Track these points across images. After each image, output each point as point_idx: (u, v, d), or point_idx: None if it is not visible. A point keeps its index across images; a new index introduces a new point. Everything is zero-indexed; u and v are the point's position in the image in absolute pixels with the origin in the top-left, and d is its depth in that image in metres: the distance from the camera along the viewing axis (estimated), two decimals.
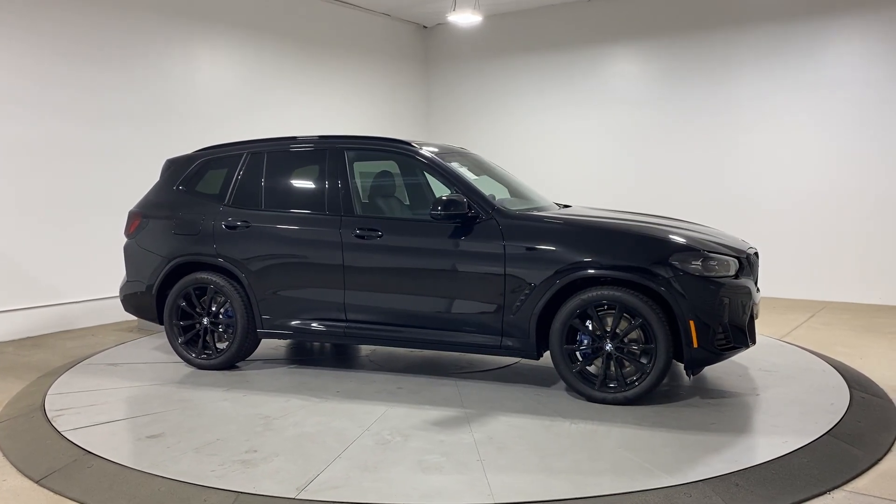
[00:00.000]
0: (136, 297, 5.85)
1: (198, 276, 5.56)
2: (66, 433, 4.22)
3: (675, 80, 9.80)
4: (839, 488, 3.50)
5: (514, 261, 4.74)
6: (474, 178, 5.39)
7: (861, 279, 8.61)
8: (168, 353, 5.86)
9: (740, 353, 5.05)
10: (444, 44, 11.81)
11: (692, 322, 4.41)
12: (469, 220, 4.88)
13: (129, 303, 5.96)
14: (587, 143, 10.53)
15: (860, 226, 8.61)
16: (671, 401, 4.69)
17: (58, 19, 7.25)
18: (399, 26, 11.42)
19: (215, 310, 5.56)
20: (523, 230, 4.81)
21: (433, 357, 5.89)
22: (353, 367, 5.72)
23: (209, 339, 5.59)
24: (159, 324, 5.79)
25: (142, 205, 5.95)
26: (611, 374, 4.62)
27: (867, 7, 8.49)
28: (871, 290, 8.56)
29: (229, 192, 5.61)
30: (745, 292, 4.63)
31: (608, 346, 4.59)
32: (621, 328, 4.57)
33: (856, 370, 5.57)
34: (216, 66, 8.83)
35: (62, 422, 4.42)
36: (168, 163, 6.01)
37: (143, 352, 6.26)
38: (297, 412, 4.56)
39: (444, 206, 4.81)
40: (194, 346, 5.62)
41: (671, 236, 4.67)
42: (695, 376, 5.18)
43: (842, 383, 5.08)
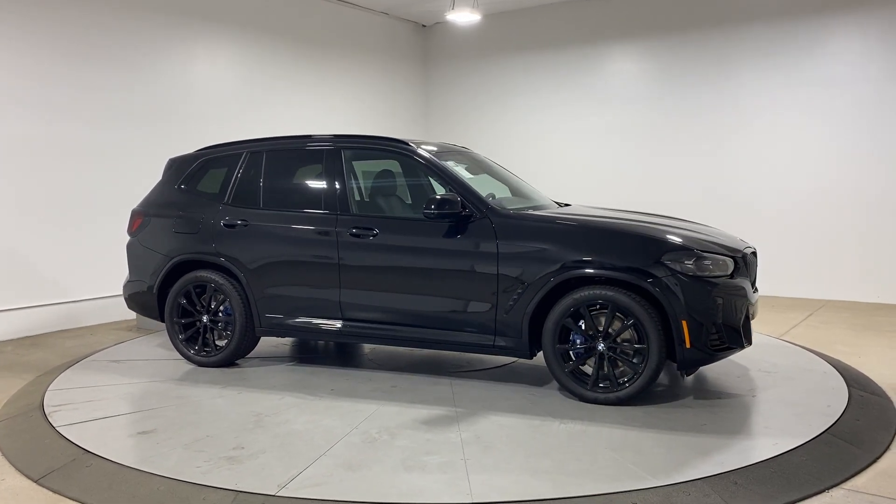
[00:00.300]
0: (139, 295, 5.93)
1: (198, 275, 5.62)
2: (61, 428, 4.28)
3: (674, 79, 9.80)
4: (838, 487, 3.48)
5: (506, 260, 4.74)
6: (470, 176, 5.39)
7: (860, 277, 8.61)
8: (170, 351, 5.92)
9: (739, 353, 5.02)
10: (442, 43, 11.82)
11: (685, 322, 4.37)
12: (463, 220, 4.88)
13: (132, 300, 6.04)
14: (586, 142, 10.53)
15: (859, 224, 8.60)
16: (664, 401, 4.65)
17: (58, 19, 7.27)
18: (398, 25, 11.44)
19: (215, 308, 5.61)
20: (516, 229, 4.80)
21: (432, 356, 5.90)
22: (351, 366, 5.74)
23: (209, 337, 5.65)
24: (161, 321, 5.87)
25: (144, 203, 6.03)
26: (603, 373, 4.59)
27: (866, 5, 8.45)
28: (870, 289, 8.54)
29: (229, 191, 5.67)
30: (740, 292, 4.58)
31: (600, 346, 4.56)
32: (614, 328, 4.55)
33: (855, 369, 5.54)
34: (215, 65, 8.86)
35: (58, 417, 4.49)
36: (170, 162, 6.08)
37: (146, 349, 6.34)
38: (289, 410, 4.59)
39: (437, 205, 4.81)
40: (194, 344, 5.68)
41: (664, 235, 4.62)
42: (689, 377, 5.14)
43: (840, 382, 5.05)
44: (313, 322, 5.35)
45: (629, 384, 4.51)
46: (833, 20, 8.65)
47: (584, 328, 4.60)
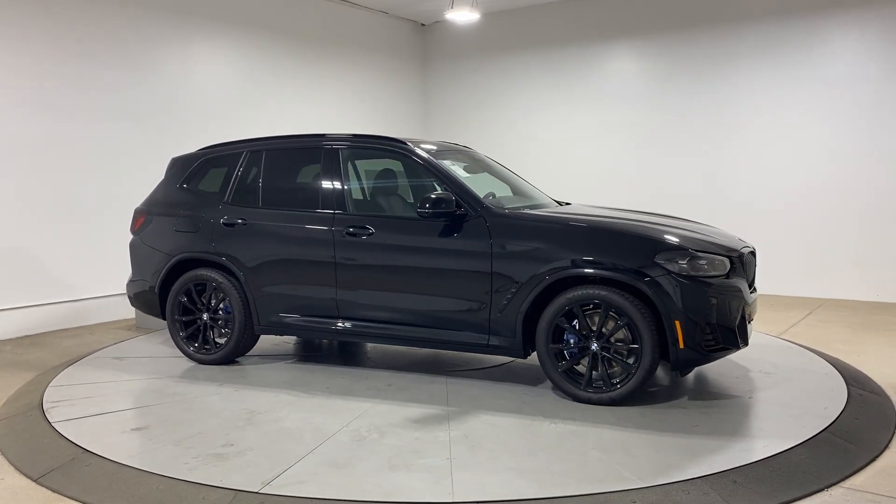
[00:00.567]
0: (141, 293, 5.99)
1: (198, 273, 5.66)
2: (57, 424, 4.33)
3: (673, 78, 9.78)
4: (837, 485, 3.47)
5: (500, 259, 4.72)
6: (466, 175, 5.38)
7: (859, 276, 8.60)
8: (173, 349, 5.97)
9: (738, 353, 4.98)
10: (441, 42, 11.82)
11: (678, 322, 4.33)
12: (458, 219, 4.87)
13: (136, 298, 6.10)
14: (585, 141, 10.52)
15: (858, 223, 8.59)
16: (658, 402, 4.62)
17: (57, 18, 7.27)
18: (397, 24, 11.44)
19: (215, 306, 5.66)
20: (510, 228, 4.78)
21: (432, 355, 5.89)
22: (350, 364, 5.75)
23: (209, 335, 5.69)
24: (163, 319, 5.92)
25: (147, 202, 6.09)
26: (597, 373, 4.57)
27: (865, 4, 8.42)
28: (868, 288, 8.54)
29: (229, 190, 5.71)
30: (736, 292, 4.52)
31: (594, 346, 4.53)
32: (608, 328, 4.52)
33: (854, 367, 5.51)
34: (215, 64, 8.86)
35: (55, 413, 4.55)
36: (173, 161, 6.13)
37: (149, 346, 6.40)
38: (282, 408, 4.62)
39: (431, 204, 4.81)
40: (195, 341, 5.73)
41: (659, 235, 4.58)
42: (684, 377, 5.09)
43: (840, 381, 5.02)
44: (311, 320, 5.37)
45: (623, 384, 4.48)
46: (832, 19, 8.64)
47: (577, 328, 4.58)
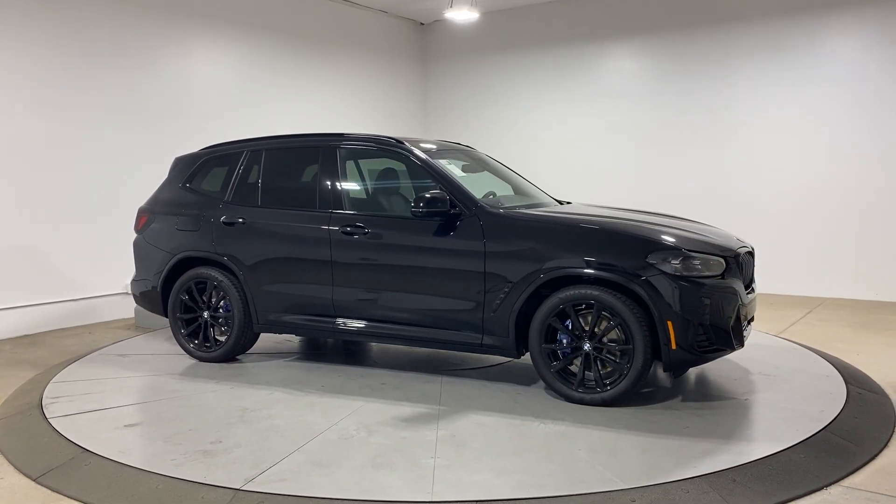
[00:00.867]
0: (147, 292, 6.06)
1: (199, 272, 5.72)
2: (53, 420, 4.40)
3: (672, 77, 9.75)
4: (836, 484, 3.47)
5: (493, 258, 4.71)
6: (462, 175, 5.37)
7: (858, 275, 8.57)
8: (176, 346, 6.02)
9: (738, 353, 4.93)
10: (441, 41, 11.81)
11: (670, 322, 4.29)
12: (452, 218, 4.87)
13: (139, 296, 6.18)
14: (585, 140, 10.49)
15: (857, 222, 8.56)
16: (652, 403, 4.57)
17: (57, 18, 7.28)
18: (396, 23, 11.44)
19: (215, 304, 5.71)
20: (504, 228, 4.77)
21: (432, 354, 5.87)
22: (349, 363, 5.76)
23: (210, 333, 5.75)
24: (166, 317, 5.99)
25: (150, 201, 6.16)
26: (589, 374, 4.54)
27: (865, 3, 8.35)
28: (867, 287, 8.51)
29: (229, 190, 5.76)
30: (731, 293, 4.46)
31: (586, 346, 4.51)
32: (600, 328, 4.49)
33: (853, 366, 5.48)
34: (214, 63, 8.87)
35: (53, 409, 4.62)
36: (176, 160, 6.20)
37: (154, 344, 6.47)
38: (275, 405, 4.65)
39: (425, 204, 4.81)
40: (196, 339, 5.79)
41: (651, 234, 4.54)
42: (677, 378, 5.05)
43: (839, 380, 5.02)
44: (308, 319, 5.40)
45: (614, 385, 4.45)
46: (831, 18, 8.62)
47: (570, 328, 4.55)
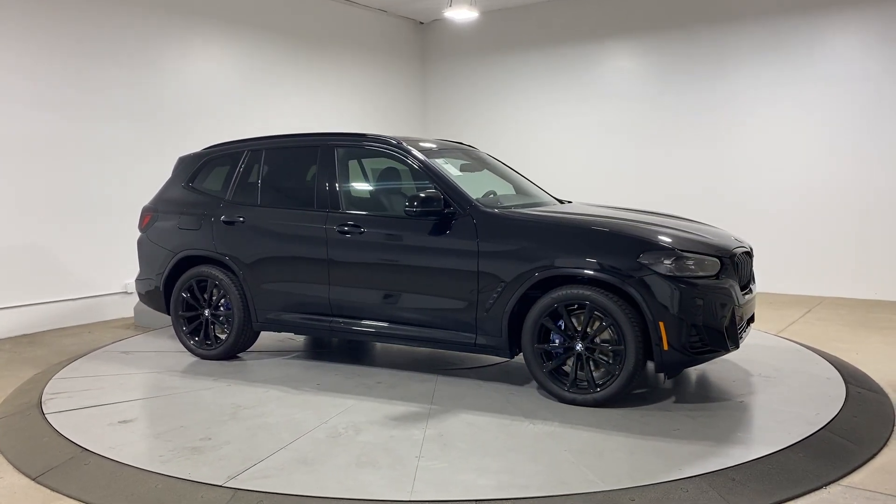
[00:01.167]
0: (149, 290, 6.13)
1: (200, 270, 5.78)
2: (50, 416, 4.47)
3: (672, 76, 9.69)
4: (835, 483, 3.47)
5: (486, 258, 4.70)
6: (458, 174, 5.36)
7: (857, 275, 8.53)
8: (180, 343, 6.09)
9: (738, 352, 4.91)
10: (440, 40, 11.80)
11: (662, 323, 4.25)
12: (446, 217, 4.86)
13: (142, 294, 6.25)
14: (584, 139, 10.45)
15: (856, 221, 8.52)
16: (644, 404, 4.54)
17: (57, 18, 7.31)
18: (395, 22, 11.44)
19: (215, 302, 5.77)
20: (497, 227, 4.75)
21: (433, 354, 5.86)
22: (348, 361, 5.77)
23: (210, 331, 5.81)
24: (169, 315, 6.06)
25: (154, 200, 6.23)
26: (581, 374, 4.52)
27: (865, 2, 8.28)
28: (866, 286, 8.47)
29: (230, 189, 5.81)
30: (724, 293, 4.41)
31: (578, 346, 4.49)
32: (592, 328, 4.46)
33: (852, 365, 5.46)
34: (214, 63, 8.89)
35: (51, 405, 4.69)
36: (179, 160, 6.26)
37: (159, 341, 6.54)
38: (268, 403, 4.68)
39: (419, 203, 4.81)
40: (197, 337, 5.85)
41: (644, 234, 4.49)
42: (670, 379, 5.00)
43: (838, 379, 5.01)
44: (305, 318, 5.43)
45: (605, 386, 4.42)
46: (831, 17, 8.55)
47: (563, 328, 4.53)
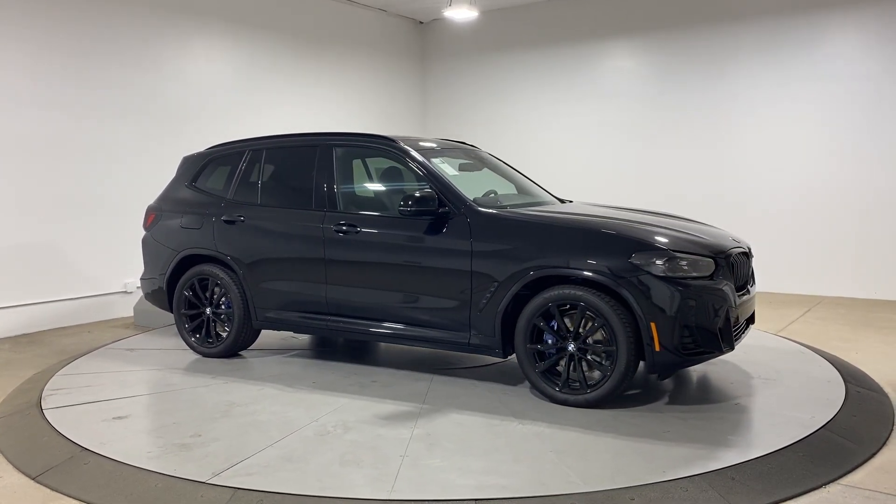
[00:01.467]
0: (152, 288, 6.21)
1: (201, 269, 5.84)
2: (47, 412, 4.54)
3: (672, 76, 9.65)
4: (834, 482, 3.47)
5: (480, 258, 4.70)
6: (454, 174, 5.36)
7: (856, 274, 8.51)
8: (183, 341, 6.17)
9: (737, 352, 4.88)
10: (440, 39, 11.79)
11: (653, 324, 4.22)
12: (440, 217, 4.87)
13: (147, 292, 6.33)
14: (584, 139, 10.42)
15: (856, 220, 8.49)
16: (637, 405, 4.50)
17: (57, 17, 7.32)
18: (395, 22, 11.44)
19: (216, 300, 5.82)
20: (490, 227, 4.75)
21: (431, 354, 5.85)
22: (347, 360, 5.79)
23: (212, 329, 5.86)
24: (171, 313, 6.13)
25: (158, 199, 6.31)
26: (573, 375, 4.49)
27: (864, 1, 8.22)
28: (866, 285, 8.44)
29: (231, 188, 5.86)
30: (718, 294, 4.36)
31: (570, 347, 4.46)
32: (585, 328, 4.44)
33: (851, 364, 5.43)
34: (214, 62, 8.91)
35: (49, 401, 4.76)
36: (183, 160, 6.33)
37: (162, 339, 6.60)
38: (262, 400, 4.72)
39: (413, 202, 4.82)
40: (198, 335, 5.91)
41: (637, 234, 4.46)
42: (663, 380, 4.95)
43: (837, 378, 4.98)
44: (303, 316, 5.46)
45: (597, 386, 4.40)
46: (831, 17, 8.50)
47: (555, 328, 4.51)
